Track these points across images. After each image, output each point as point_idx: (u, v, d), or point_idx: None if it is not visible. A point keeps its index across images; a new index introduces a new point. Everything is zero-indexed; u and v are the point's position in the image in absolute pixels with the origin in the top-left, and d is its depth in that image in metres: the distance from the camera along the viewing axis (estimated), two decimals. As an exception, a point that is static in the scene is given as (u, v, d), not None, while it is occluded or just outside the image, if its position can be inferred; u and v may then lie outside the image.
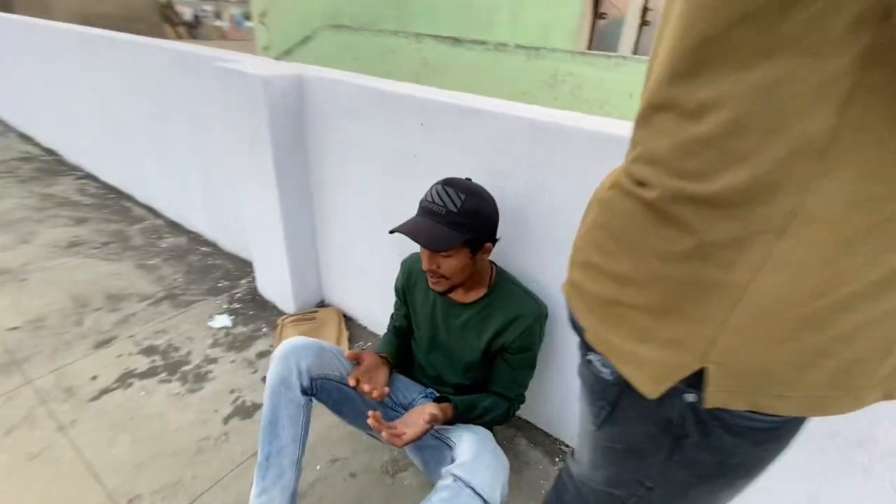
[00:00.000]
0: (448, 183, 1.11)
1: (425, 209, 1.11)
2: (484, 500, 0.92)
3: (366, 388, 1.13)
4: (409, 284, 1.38)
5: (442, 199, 1.09)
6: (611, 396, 0.63)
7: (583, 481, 0.77)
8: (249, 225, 2.13)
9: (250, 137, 1.79)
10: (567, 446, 1.61)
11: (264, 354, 1.93)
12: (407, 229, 1.08)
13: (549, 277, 1.36)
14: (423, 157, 1.51)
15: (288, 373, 1.14)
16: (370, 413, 1.08)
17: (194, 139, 2.43)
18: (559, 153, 1.21)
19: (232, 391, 1.75)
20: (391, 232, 1.13)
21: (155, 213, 3.08)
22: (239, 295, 2.30)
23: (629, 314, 0.55)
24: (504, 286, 1.26)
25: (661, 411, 0.57)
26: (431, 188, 1.13)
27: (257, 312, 2.18)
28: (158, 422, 1.61)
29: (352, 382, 1.13)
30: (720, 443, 0.56)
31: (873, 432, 1.00)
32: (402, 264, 1.43)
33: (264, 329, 2.08)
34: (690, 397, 0.53)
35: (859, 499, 1.08)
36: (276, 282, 2.15)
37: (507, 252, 1.39)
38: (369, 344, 2.03)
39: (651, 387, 0.54)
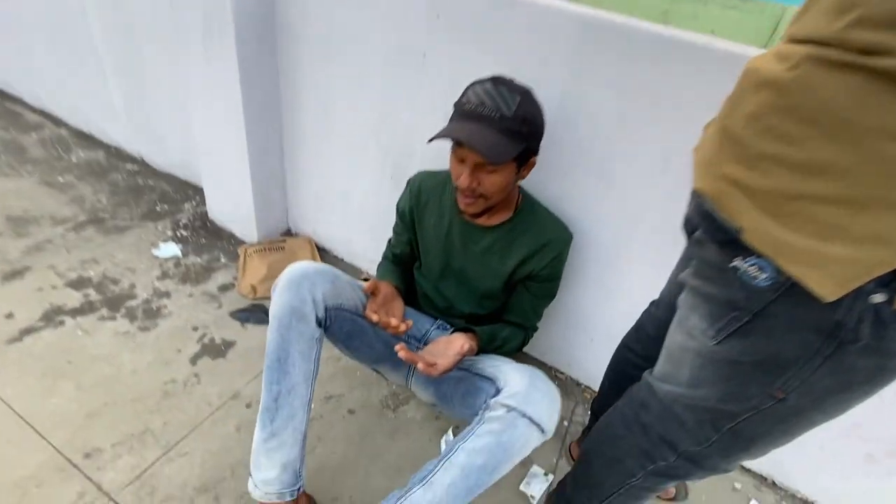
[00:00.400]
0: (499, 81, 0.94)
1: (472, 113, 0.93)
2: (541, 429, 0.86)
3: (392, 321, 0.99)
4: (418, 205, 1.22)
5: (494, 101, 0.91)
6: (756, 305, 0.58)
7: (676, 399, 0.72)
8: (198, 138, 1.77)
9: (204, 21, 1.42)
10: (562, 373, 1.62)
11: (227, 288, 1.69)
12: (460, 135, 0.90)
13: (577, 205, 1.26)
14: (434, 57, 1.29)
15: (300, 302, 0.96)
16: (399, 346, 0.96)
17: (108, 20, 1.92)
18: (611, 61, 1.06)
19: (195, 328, 1.51)
20: (431, 140, 0.95)
21: (55, 121, 2.50)
22: (184, 221, 1.96)
23: (814, 209, 0.50)
24: (531, 209, 1.15)
25: (831, 315, 0.53)
26: (474, 88, 0.95)
27: (211, 241, 1.89)
28: (108, 365, 1.35)
29: (374, 318, 0.99)
30: (890, 346, 0.53)
31: None
32: (408, 183, 1.25)
33: (223, 259, 1.81)
34: (878, 298, 0.50)
35: None
36: (233, 206, 1.85)
37: (531, 174, 1.26)
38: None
39: (831, 288, 0.50)
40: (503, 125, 0.91)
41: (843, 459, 1.25)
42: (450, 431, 1.35)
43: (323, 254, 1.91)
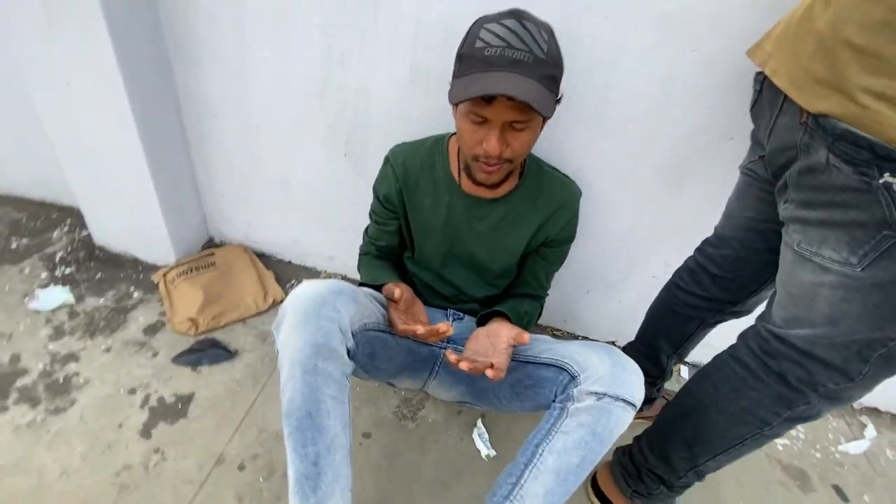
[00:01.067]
0: (521, 16, 0.76)
1: (499, 59, 0.74)
2: (635, 406, 0.79)
3: (441, 327, 0.82)
4: (406, 187, 1.02)
5: (524, 42, 0.74)
6: None
7: (815, 342, 0.69)
8: (58, 142, 1.30)
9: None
10: (559, 330, 1.59)
11: (157, 328, 1.33)
12: (501, 89, 0.72)
13: (574, 157, 1.16)
14: (391, 1, 1.04)
15: (325, 337, 0.74)
16: (455, 357, 0.81)
17: None
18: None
19: (132, 390, 1.17)
20: (459, 102, 0.77)
21: None
22: (60, 255, 1.49)
23: None
24: (537, 171, 1.02)
25: None
26: (490, 27, 0.76)
27: (110, 273, 1.46)
28: (21, 475, 0.98)
29: (420, 330, 0.82)
30: None
31: None
32: (387, 161, 1.04)
33: (135, 293, 1.42)
34: None
35: None
36: (130, 224, 1.43)
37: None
38: (302, 281, 1.58)
39: None
40: (540, 71, 0.74)
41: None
42: (479, 423, 1.24)
43: (264, 260, 1.60)
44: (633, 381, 0.79)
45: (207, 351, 1.28)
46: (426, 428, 1.22)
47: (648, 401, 1.26)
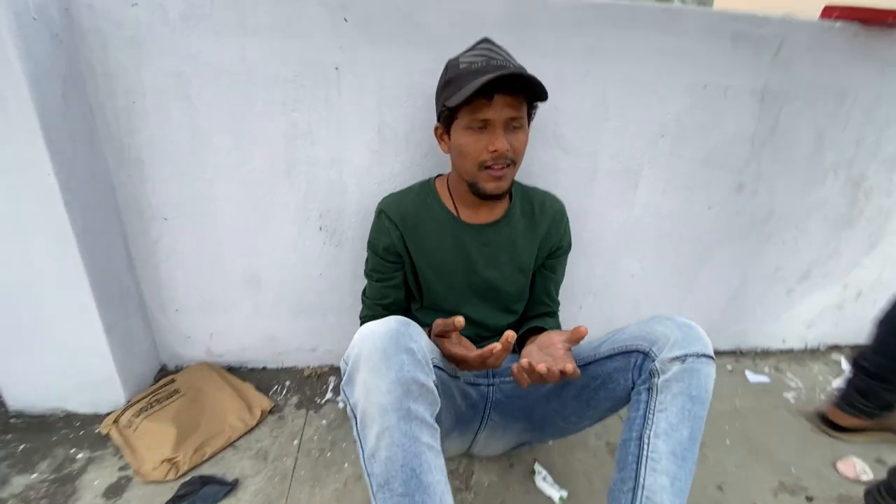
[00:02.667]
0: (492, 41, 0.90)
1: (489, 66, 0.84)
2: (714, 358, 0.80)
3: (497, 346, 0.77)
4: (406, 232, 1.02)
5: (503, 56, 0.87)
6: None
7: None
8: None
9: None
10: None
11: (122, 486, 1.04)
12: (498, 73, 0.79)
13: (542, 176, 1.26)
14: (351, 69, 1.11)
15: (413, 370, 0.65)
16: (527, 361, 0.76)
17: None
18: (542, 31, 1.12)
19: (111, 574, 0.87)
20: (461, 103, 0.81)
21: None
22: (-44, 439, 1.13)
23: None
24: (521, 191, 1.09)
25: None
26: (469, 53, 0.88)
27: (35, 441, 1.14)
28: None
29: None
30: None
31: None
32: (379, 213, 1.04)
33: (80, 455, 1.11)
34: None
35: None
36: (62, 370, 1.16)
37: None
38: (288, 383, 1.39)
39: None
40: (532, 80, 0.84)
41: (774, 302, 1.58)
42: (537, 468, 1.13)
43: (235, 373, 1.38)
44: (703, 335, 0.80)
45: (200, 492, 1.02)
46: (486, 493, 1.08)
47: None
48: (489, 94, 0.82)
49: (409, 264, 1.05)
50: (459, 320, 0.80)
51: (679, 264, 1.46)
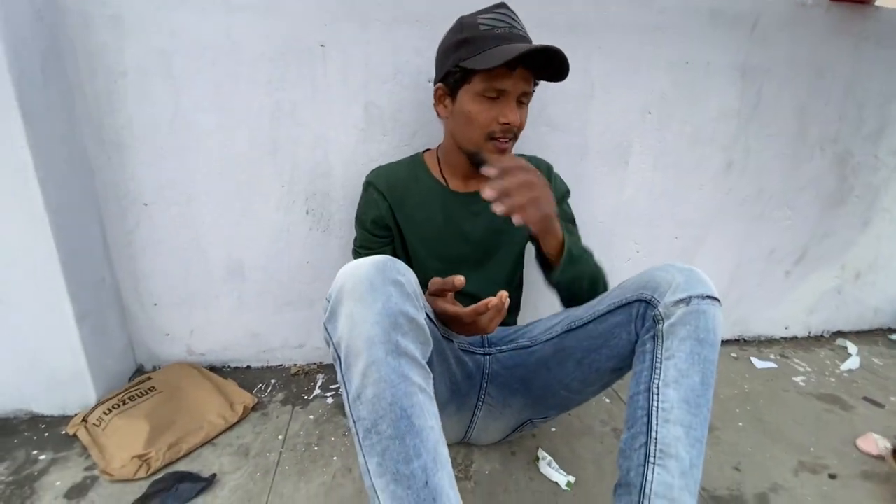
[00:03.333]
0: (503, 6, 0.87)
1: (511, 34, 0.83)
2: (719, 300, 0.75)
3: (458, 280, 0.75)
4: (395, 203, 0.99)
5: (523, 28, 0.86)
6: None
7: None
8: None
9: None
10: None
11: (85, 487, 0.94)
12: (535, 48, 0.78)
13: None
14: (336, 46, 1.11)
15: (402, 301, 0.59)
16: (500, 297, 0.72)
17: None
18: (522, 9, 1.13)
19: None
20: (493, 68, 0.79)
21: None
22: None
23: None
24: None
25: None
26: (488, 15, 0.85)
27: (-6, 445, 1.04)
28: None
29: (499, 298, 0.72)
30: None
31: None
32: (367, 185, 1.01)
33: (42, 457, 1.02)
34: None
35: None
36: (29, 368, 1.08)
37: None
38: (273, 381, 1.31)
39: None
40: (564, 62, 0.84)
41: (772, 286, 1.55)
42: (541, 453, 1.05)
43: (216, 373, 1.30)
44: (706, 278, 0.76)
45: (173, 489, 0.93)
46: (487, 482, 1.00)
47: None
48: (513, 65, 0.81)
49: (398, 238, 1.01)
50: (459, 279, 0.75)
51: (675, 247, 1.44)
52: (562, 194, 1.06)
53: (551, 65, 0.84)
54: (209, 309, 1.28)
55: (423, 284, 1.00)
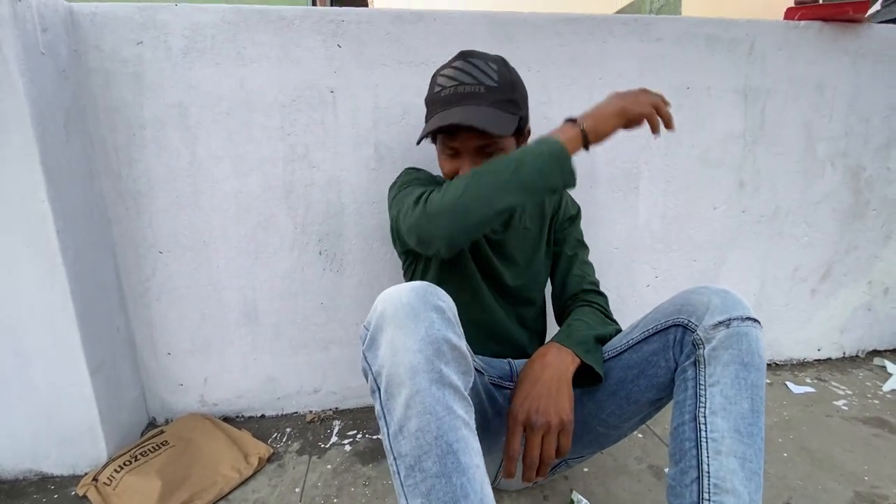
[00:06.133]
0: (468, 55, 0.86)
1: (453, 97, 0.81)
2: (758, 320, 0.71)
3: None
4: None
5: (472, 76, 0.82)
6: None
7: None
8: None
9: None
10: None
11: (94, 551, 0.89)
12: (451, 120, 0.77)
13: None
14: (346, 91, 1.15)
15: (444, 328, 0.56)
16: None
17: None
18: (522, 47, 1.18)
19: None
20: (419, 141, 0.83)
21: None
22: (-90, 514, 0.99)
23: None
24: None
25: None
26: (443, 72, 0.85)
27: (1, 510, 1.00)
28: None
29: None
30: None
31: None
32: (414, 168, 0.99)
33: (50, 521, 0.97)
34: None
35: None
36: (39, 426, 1.05)
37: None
38: (289, 430, 1.26)
39: None
40: (493, 97, 0.81)
41: (799, 306, 1.50)
42: (574, 496, 0.99)
43: (231, 423, 1.26)
44: (742, 300, 0.72)
45: (186, 550, 0.87)
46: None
47: None
48: (452, 132, 0.82)
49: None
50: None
51: (695, 270, 1.41)
52: (571, 216, 1.04)
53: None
54: (223, 355, 1.25)
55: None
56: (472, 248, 0.96)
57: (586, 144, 0.74)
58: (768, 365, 1.54)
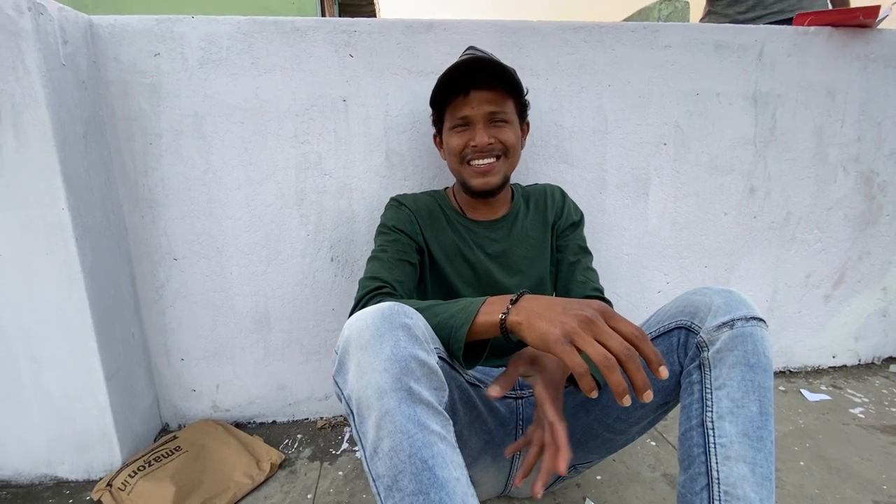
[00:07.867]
0: (473, 46, 0.95)
1: (462, 67, 0.86)
2: (764, 320, 0.71)
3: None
4: (424, 223, 0.97)
5: (482, 52, 0.90)
6: None
7: None
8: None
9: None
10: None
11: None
12: (462, 60, 0.83)
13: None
14: (357, 100, 1.16)
15: (411, 345, 0.55)
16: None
17: None
18: (531, 55, 1.19)
19: None
20: (432, 99, 0.87)
21: None
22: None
23: None
24: (522, 190, 1.07)
25: None
26: (454, 64, 0.88)
27: (17, 515, 1.01)
28: None
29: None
30: None
31: None
32: (396, 203, 1.00)
33: (65, 526, 0.98)
34: None
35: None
36: (54, 431, 1.07)
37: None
38: (300, 436, 1.26)
39: None
40: (500, 69, 0.86)
41: (813, 312, 1.49)
42: (586, 503, 0.98)
43: (242, 429, 1.26)
44: (746, 299, 0.72)
45: (199, 556, 0.88)
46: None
47: None
48: (465, 90, 0.85)
49: (427, 255, 0.98)
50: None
51: (706, 276, 1.40)
52: (573, 222, 1.04)
53: (504, 78, 0.86)
54: (236, 361, 1.26)
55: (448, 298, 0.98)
56: (472, 260, 0.97)
57: (504, 331, 0.61)
58: (782, 372, 1.52)
